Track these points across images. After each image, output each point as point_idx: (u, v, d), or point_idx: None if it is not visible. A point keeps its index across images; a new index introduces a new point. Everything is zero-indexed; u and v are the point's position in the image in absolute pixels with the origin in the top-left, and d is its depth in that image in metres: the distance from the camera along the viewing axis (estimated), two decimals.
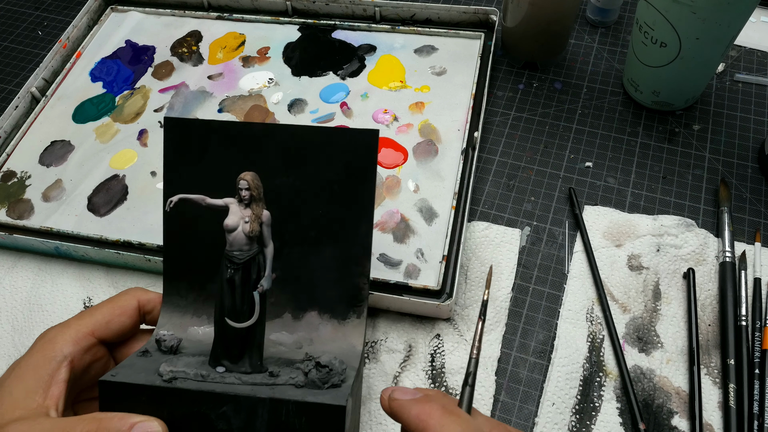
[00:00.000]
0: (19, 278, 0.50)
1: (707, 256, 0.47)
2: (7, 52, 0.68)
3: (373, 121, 0.56)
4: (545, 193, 0.52)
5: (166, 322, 0.36)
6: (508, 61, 0.61)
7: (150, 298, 0.36)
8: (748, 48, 0.60)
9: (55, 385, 0.30)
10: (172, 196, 0.36)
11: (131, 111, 0.59)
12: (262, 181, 0.36)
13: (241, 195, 0.36)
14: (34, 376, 0.30)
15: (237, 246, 0.36)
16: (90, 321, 0.33)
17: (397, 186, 0.51)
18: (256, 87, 0.60)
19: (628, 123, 0.56)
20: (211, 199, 0.36)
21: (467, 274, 0.47)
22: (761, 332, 0.42)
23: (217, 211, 0.36)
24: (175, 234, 0.36)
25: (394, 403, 0.29)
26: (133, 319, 0.35)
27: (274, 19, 0.65)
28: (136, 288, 0.36)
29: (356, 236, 0.36)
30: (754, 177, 0.51)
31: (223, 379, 0.33)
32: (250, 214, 0.36)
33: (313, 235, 0.36)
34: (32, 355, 0.31)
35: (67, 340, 0.31)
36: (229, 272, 0.36)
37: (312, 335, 0.36)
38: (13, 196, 0.54)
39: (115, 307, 0.34)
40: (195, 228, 0.36)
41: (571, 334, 0.44)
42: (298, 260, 0.36)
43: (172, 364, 0.33)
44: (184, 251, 0.36)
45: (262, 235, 0.36)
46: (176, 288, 0.36)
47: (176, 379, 0.32)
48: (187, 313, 0.36)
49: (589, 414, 0.41)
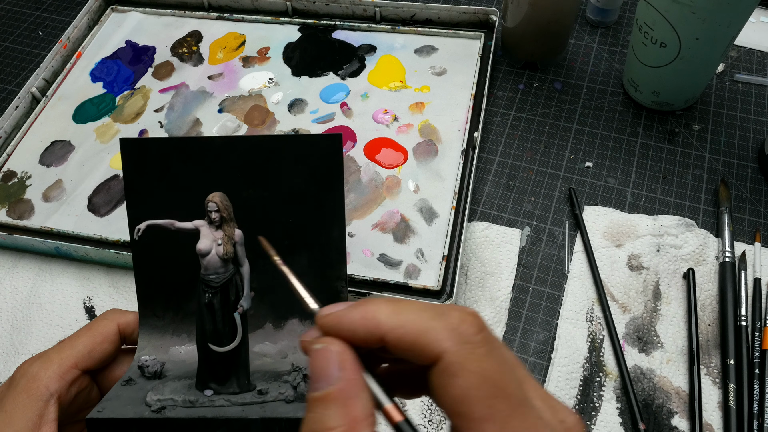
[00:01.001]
0: (20, 278, 0.50)
1: (707, 256, 0.47)
2: (8, 53, 0.68)
3: (373, 121, 0.56)
4: (545, 193, 0.52)
5: (146, 344, 0.35)
6: (508, 61, 0.61)
7: (129, 321, 0.35)
8: (748, 48, 0.60)
9: (46, 426, 0.29)
10: (138, 222, 0.35)
11: (131, 111, 0.59)
12: (229, 197, 0.35)
13: (212, 218, 0.35)
14: (23, 417, 0.29)
15: (212, 269, 0.35)
16: (72, 353, 0.32)
17: (397, 186, 0.51)
18: (257, 87, 0.60)
19: (628, 123, 0.56)
20: (180, 223, 0.35)
21: (467, 274, 0.47)
22: (761, 332, 0.42)
23: (188, 235, 0.35)
24: (147, 260, 0.36)
25: (327, 319, 0.23)
26: (115, 345, 0.34)
27: (274, 19, 0.65)
28: (113, 310, 0.35)
29: (330, 241, 0.36)
30: (754, 177, 0.51)
31: (213, 402, 0.32)
32: (222, 235, 0.35)
33: (287, 244, 0.36)
34: (17, 395, 0.30)
35: (51, 377, 0.30)
36: (207, 296, 0.35)
37: (296, 343, 0.36)
38: (13, 196, 0.54)
39: (96, 335, 0.33)
40: (167, 253, 0.35)
41: (571, 334, 0.44)
42: (274, 270, 0.36)
43: (159, 392, 0.32)
44: (157, 276, 0.36)
45: (236, 255, 0.36)
46: (152, 309, 0.35)
47: (165, 408, 0.31)
48: (167, 333, 0.35)
49: (589, 414, 0.41)
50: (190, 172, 0.35)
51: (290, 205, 0.36)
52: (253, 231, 0.36)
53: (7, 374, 0.45)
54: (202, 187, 0.35)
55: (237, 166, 0.35)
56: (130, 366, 0.34)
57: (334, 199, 0.36)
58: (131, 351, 0.35)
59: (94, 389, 0.33)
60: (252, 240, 0.36)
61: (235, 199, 0.35)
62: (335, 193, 0.36)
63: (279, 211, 0.36)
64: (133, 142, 0.36)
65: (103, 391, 0.33)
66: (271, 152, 0.36)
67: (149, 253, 0.35)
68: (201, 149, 0.35)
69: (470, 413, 0.20)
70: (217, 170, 0.35)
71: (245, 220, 0.35)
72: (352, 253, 0.48)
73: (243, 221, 0.35)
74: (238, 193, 0.35)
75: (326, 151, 0.35)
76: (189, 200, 0.35)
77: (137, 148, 0.35)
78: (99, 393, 0.33)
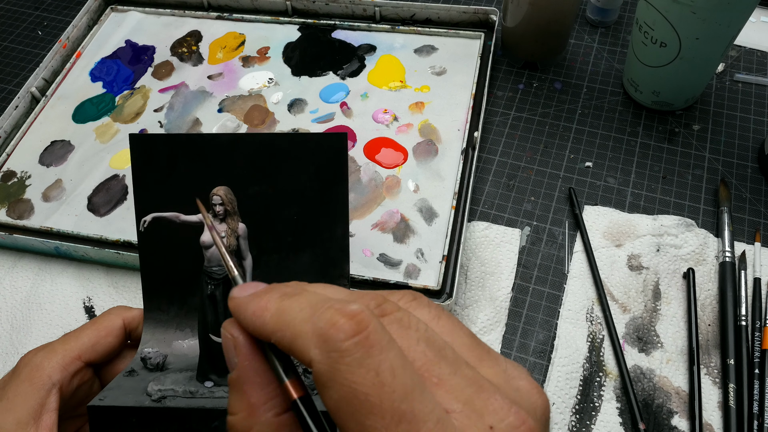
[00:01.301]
0: (19, 278, 0.50)
1: (707, 256, 0.47)
2: (7, 52, 0.68)
3: (373, 121, 0.56)
4: (545, 193, 0.52)
5: (150, 338, 0.35)
6: (508, 61, 0.61)
7: (134, 316, 0.35)
8: (748, 48, 0.60)
9: (47, 414, 0.29)
10: (144, 215, 0.36)
11: (131, 111, 0.59)
12: (234, 193, 0.36)
13: (216, 211, 0.36)
14: (24, 406, 0.29)
15: (215, 261, 0.36)
16: (76, 345, 0.32)
17: (397, 186, 0.51)
18: (256, 87, 0.60)
19: (628, 123, 0.56)
20: (185, 216, 0.36)
21: (467, 274, 0.47)
22: (761, 332, 0.42)
23: (192, 228, 0.36)
24: (152, 252, 0.36)
25: (231, 303, 0.22)
26: (120, 339, 0.34)
27: (274, 19, 0.65)
28: (119, 307, 0.35)
29: (333, 239, 0.36)
30: (754, 177, 0.51)
31: (212, 393, 0.33)
32: (225, 228, 0.36)
33: (290, 241, 0.36)
34: (20, 384, 0.30)
35: (54, 367, 0.30)
36: (210, 288, 0.36)
37: None
38: (13, 196, 0.54)
39: (101, 329, 0.33)
40: (171, 245, 0.36)
41: (571, 334, 0.44)
42: (277, 267, 0.36)
43: (159, 382, 0.33)
44: (162, 268, 0.36)
45: (239, 248, 0.36)
46: (157, 303, 0.36)
47: (165, 398, 0.32)
48: (170, 327, 0.36)
49: (589, 414, 0.41)
50: (196, 168, 0.36)
51: (294, 203, 0.36)
52: (257, 227, 0.36)
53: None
54: (208, 182, 0.36)
55: (243, 162, 0.36)
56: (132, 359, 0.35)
57: (338, 198, 0.36)
58: (134, 347, 0.36)
59: (96, 383, 0.34)
60: (256, 235, 0.36)
61: (240, 194, 0.36)
62: (339, 191, 0.36)
63: (283, 208, 0.36)
64: (142, 137, 0.36)
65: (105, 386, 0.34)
66: (276, 150, 0.36)
67: (154, 245, 0.36)
68: (208, 146, 0.36)
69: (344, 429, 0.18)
70: (223, 166, 0.36)
71: (249, 215, 0.36)
72: (352, 252, 0.48)
73: (247, 216, 0.36)
74: (244, 189, 0.36)
75: (331, 149, 0.36)
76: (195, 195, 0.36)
77: (146, 144, 0.36)
78: (100, 387, 0.34)
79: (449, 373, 0.18)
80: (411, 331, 0.19)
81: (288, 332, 0.19)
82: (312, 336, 0.19)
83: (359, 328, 0.18)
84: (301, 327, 0.19)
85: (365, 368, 0.17)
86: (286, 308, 0.20)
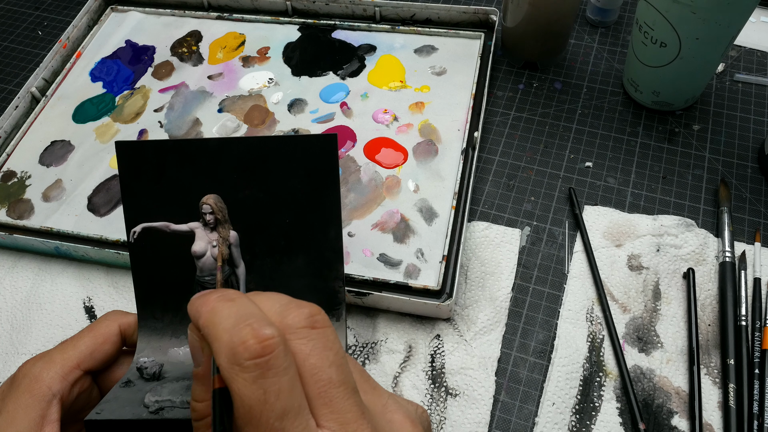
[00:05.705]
0: (19, 278, 0.50)
1: (707, 256, 0.47)
2: (7, 52, 0.68)
3: (373, 121, 0.56)
4: (545, 193, 0.52)
5: (145, 346, 0.35)
6: (508, 61, 0.61)
7: (130, 322, 0.35)
8: (748, 48, 0.60)
9: (49, 426, 0.29)
10: (134, 225, 0.35)
11: (131, 111, 0.59)
12: (224, 198, 0.35)
13: (206, 219, 0.35)
14: (26, 418, 0.29)
15: (207, 271, 0.35)
16: (74, 353, 0.32)
17: (397, 186, 0.51)
18: (256, 87, 0.60)
19: (628, 123, 0.56)
20: (175, 225, 0.35)
21: (467, 274, 0.47)
22: (761, 332, 0.42)
23: (183, 237, 0.35)
24: (143, 262, 0.36)
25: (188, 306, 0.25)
26: (117, 346, 0.34)
27: (274, 19, 0.65)
28: (115, 312, 0.35)
29: (326, 241, 0.36)
30: (754, 177, 0.51)
31: None
32: (217, 237, 0.35)
33: (283, 245, 0.36)
34: (20, 396, 0.29)
35: (54, 377, 0.30)
36: None
37: None
38: (13, 196, 0.54)
39: (98, 336, 0.33)
40: (163, 255, 0.36)
41: (571, 334, 0.44)
42: (271, 271, 0.36)
43: (157, 393, 0.32)
44: (154, 277, 0.36)
45: (231, 256, 0.36)
46: (151, 311, 0.35)
47: (163, 409, 0.31)
48: (165, 335, 0.35)
49: (589, 414, 0.41)
50: (185, 174, 0.35)
51: (286, 206, 0.36)
52: (250, 232, 0.36)
53: (6, 374, 0.45)
54: (198, 189, 0.35)
55: (232, 167, 0.35)
56: (129, 367, 0.34)
57: (331, 199, 0.36)
58: (132, 352, 0.35)
59: (95, 390, 0.33)
60: (248, 239, 0.36)
61: (230, 200, 0.35)
62: (331, 193, 0.36)
63: (275, 212, 0.36)
64: (129, 145, 0.35)
65: (104, 392, 0.33)
66: (266, 153, 0.35)
67: (146, 256, 0.35)
68: (196, 151, 0.35)
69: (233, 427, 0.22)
70: (212, 172, 0.35)
71: (241, 219, 0.35)
72: (352, 252, 0.48)
73: (239, 221, 0.35)
74: (234, 195, 0.35)
75: (322, 151, 0.35)
76: (185, 202, 0.35)
77: (132, 151, 0.35)
78: (99, 393, 0.33)
79: (342, 398, 0.22)
80: (330, 352, 0.23)
81: (211, 332, 0.23)
82: (224, 346, 0.22)
83: (264, 352, 0.21)
84: (221, 334, 0.22)
85: (257, 386, 0.21)
86: (218, 310, 0.23)
